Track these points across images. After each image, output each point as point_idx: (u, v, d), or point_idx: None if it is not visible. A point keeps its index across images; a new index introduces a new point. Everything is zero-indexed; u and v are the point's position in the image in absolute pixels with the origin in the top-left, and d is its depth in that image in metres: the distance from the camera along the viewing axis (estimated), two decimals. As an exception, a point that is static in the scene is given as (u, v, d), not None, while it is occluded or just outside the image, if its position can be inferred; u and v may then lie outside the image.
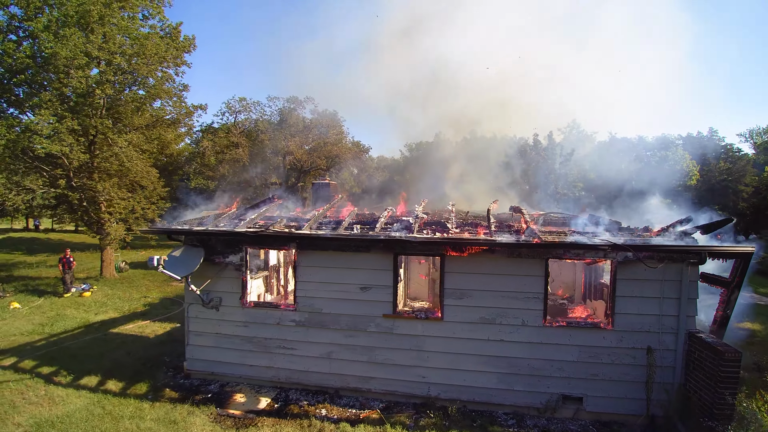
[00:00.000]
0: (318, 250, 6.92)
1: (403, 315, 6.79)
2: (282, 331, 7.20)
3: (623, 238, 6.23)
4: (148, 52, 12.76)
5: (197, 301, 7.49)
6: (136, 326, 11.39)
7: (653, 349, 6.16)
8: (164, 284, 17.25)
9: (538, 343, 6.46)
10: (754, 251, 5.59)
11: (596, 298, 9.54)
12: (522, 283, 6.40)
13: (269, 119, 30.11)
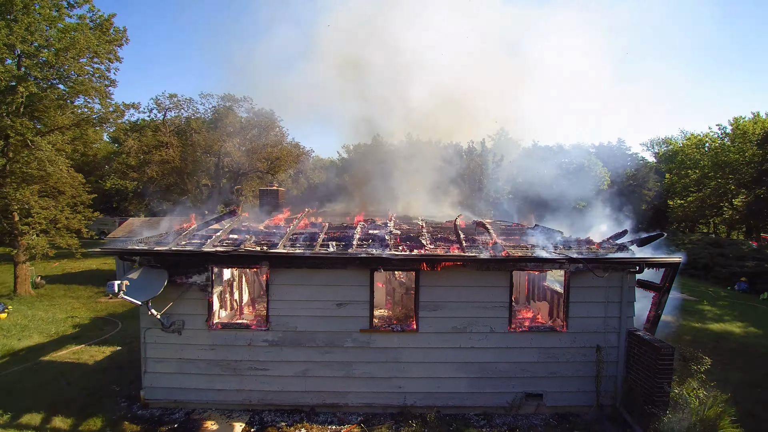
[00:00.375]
0: (293, 268, 6.80)
1: (380, 329, 6.96)
2: (254, 352, 6.95)
3: (575, 251, 7.01)
4: (80, 45, 11.32)
5: (156, 326, 6.93)
6: (70, 352, 10.13)
7: (601, 347, 7.01)
8: (90, 301, 15.52)
9: (505, 348, 7.02)
10: (681, 261, 6.63)
11: (539, 299, 10.51)
12: (490, 294, 6.91)
13: (202, 117, 28.27)
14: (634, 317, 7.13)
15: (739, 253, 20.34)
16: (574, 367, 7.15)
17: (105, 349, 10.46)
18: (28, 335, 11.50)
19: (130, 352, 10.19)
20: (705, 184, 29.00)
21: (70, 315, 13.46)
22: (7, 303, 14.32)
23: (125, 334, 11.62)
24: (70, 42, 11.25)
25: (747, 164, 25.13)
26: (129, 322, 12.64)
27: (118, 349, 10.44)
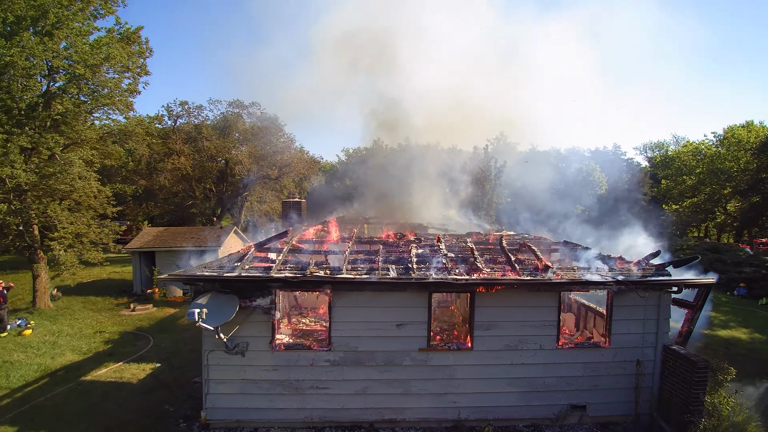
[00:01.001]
0: (355, 291, 7.14)
1: (438, 348, 7.33)
2: (316, 372, 7.26)
3: (618, 272, 7.49)
4: (114, 60, 11.40)
5: (219, 348, 7.18)
6: (109, 371, 10.23)
7: (641, 361, 7.51)
8: (112, 314, 15.54)
9: (552, 364, 7.46)
10: (714, 281, 7.17)
11: (565, 311, 11.01)
12: (540, 313, 7.35)
13: (213, 125, 28.30)
14: (668, 332, 7.65)
15: (736, 258, 21.25)
16: (615, 380, 7.63)
17: (144, 366, 10.58)
18: (60, 353, 11.52)
19: (171, 369, 10.37)
20: (700, 190, 30.12)
21: (98, 330, 13.48)
22: (29, 318, 14.30)
23: (160, 350, 11.76)
24: (104, 57, 11.32)
25: (742, 172, 26.23)
26: (160, 337, 12.76)
27: (158, 366, 10.57)
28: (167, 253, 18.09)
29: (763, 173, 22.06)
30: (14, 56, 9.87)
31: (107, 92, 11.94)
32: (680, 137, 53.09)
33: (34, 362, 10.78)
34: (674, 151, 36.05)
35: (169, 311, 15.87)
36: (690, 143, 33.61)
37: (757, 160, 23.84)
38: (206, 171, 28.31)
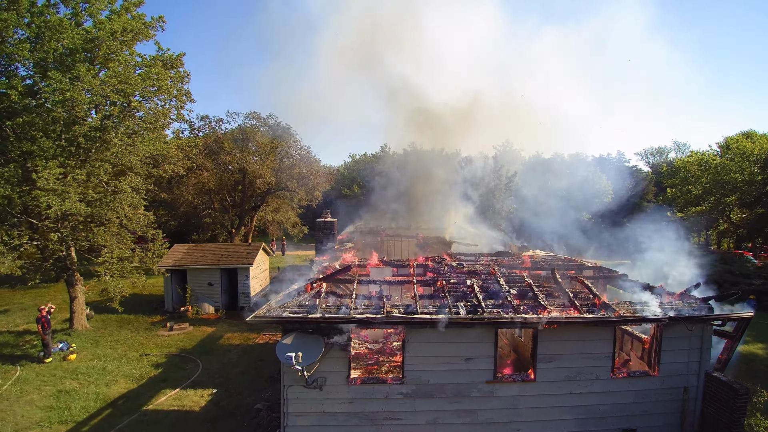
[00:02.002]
0: (427, 328, 7.67)
1: (503, 380, 7.88)
2: (389, 404, 7.78)
3: (666, 307, 8.09)
4: (165, 92, 11.83)
5: (298, 383, 7.68)
6: (169, 398, 10.63)
7: (687, 388, 8.11)
8: (150, 334, 15.85)
9: (607, 392, 8.04)
10: (752, 316, 7.81)
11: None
12: (596, 346, 7.92)
13: (233, 140, 28.71)
14: (711, 361, 8.27)
15: (745, 270, 22.02)
16: (662, 405, 8.23)
17: (201, 392, 10.99)
18: (113, 380, 11.83)
19: (229, 395, 10.81)
20: (705, 199, 30.96)
21: (142, 352, 13.83)
22: (68, 340, 14.60)
23: (211, 374, 12.18)
24: (157, 88, 11.73)
25: (747, 183, 27.06)
26: (206, 359, 13.18)
27: (214, 392, 11.00)
28: (199, 271, 18.50)
29: (766, 188, 22.88)
30: (73, 92, 10.27)
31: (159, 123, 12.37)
32: (681, 143, 54.40)
33: (90, 391, 11.08)
34: (679, 160, 36.94)
35: (206, 330, 16.28)
36: (695, 153, 34.52)
37: (762, 174, 24.65)
38: (224, 183, 28.74)
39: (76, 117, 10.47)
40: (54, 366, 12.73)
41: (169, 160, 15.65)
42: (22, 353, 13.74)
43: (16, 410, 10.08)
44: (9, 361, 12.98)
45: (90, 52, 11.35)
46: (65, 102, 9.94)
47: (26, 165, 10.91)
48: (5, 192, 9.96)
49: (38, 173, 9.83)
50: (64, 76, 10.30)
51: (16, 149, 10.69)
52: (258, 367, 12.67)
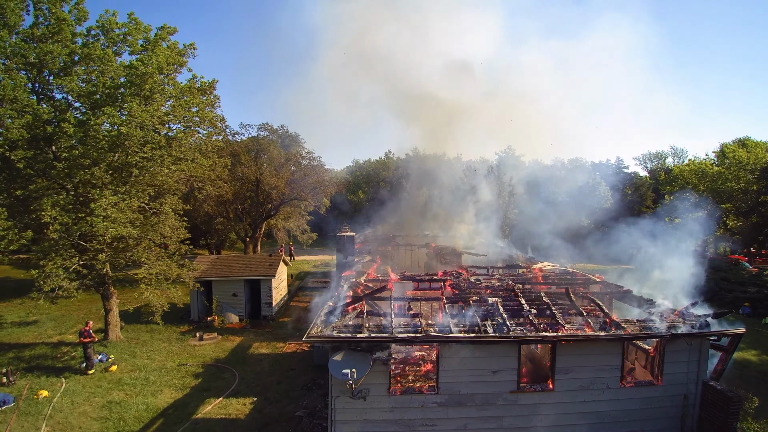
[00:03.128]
0: (458, 344, 8.69)
1: (525, 390, 8.91)
2: (425, 412, 8.80)
3: (668, 323, 9.15)
4: (209, 123, 12.79)
5: (345, 394, 8.67)
6: (214, 407, 11.57)
7: (687, 395, 9.17)
8: (182, 344, 16.64)
9: (616, 399, 9.09)
10: (744, 332, 8.87)
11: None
12: (607, 359, 8.97)
13: (246, 147, 29.71)
14: (708, 371, 9.33)
15: (740, 278, 23.15)
16: (665, 411, 9.28)
17: (243, 401, 11.95)
18: (157, 389, 12.71)
19: (270, 403, 11.79)
20: (702, 206, 32.20)
21: (179, 362, 14.77)
22: (106, 351, 15.51)
23: (248, 383, 13.12)
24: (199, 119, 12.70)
25: (743, 192, 28.26)
26: (241, 369, 14.14)
27: (255, 400, 11.96)
28: (224, 282, 19.47)
29: (762, 197, 24.02)
30: (128, 128, 11.24)
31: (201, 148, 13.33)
32: (679, 149, 55.65)
33: (139, 401, 11.94)
34: (677, 168, 38.16)
35: (235, 339, 17.25)
36: (692, 161, 35.77)
37: (757, 184, 25.82)
38: (239, 193, 29.75)
39: (129, 150, 11.44)
40: (98, 377, 13.59)
41: (204, 182, 16.61)
42: (63, 365, 14.56)
43: (72, 422, 10.91)
44: (53, 373, 13.77)
45: (138, 86, 12.31)
46: (120, 137, 10.91)
47: (79, 192, 11.86)
48: (64, 220, 10.91)
49: (95, 201, 10.79)
50: (118, 111, 11.27)
51: (70, 179, 11.64)
52: (290, 376, 13.64)
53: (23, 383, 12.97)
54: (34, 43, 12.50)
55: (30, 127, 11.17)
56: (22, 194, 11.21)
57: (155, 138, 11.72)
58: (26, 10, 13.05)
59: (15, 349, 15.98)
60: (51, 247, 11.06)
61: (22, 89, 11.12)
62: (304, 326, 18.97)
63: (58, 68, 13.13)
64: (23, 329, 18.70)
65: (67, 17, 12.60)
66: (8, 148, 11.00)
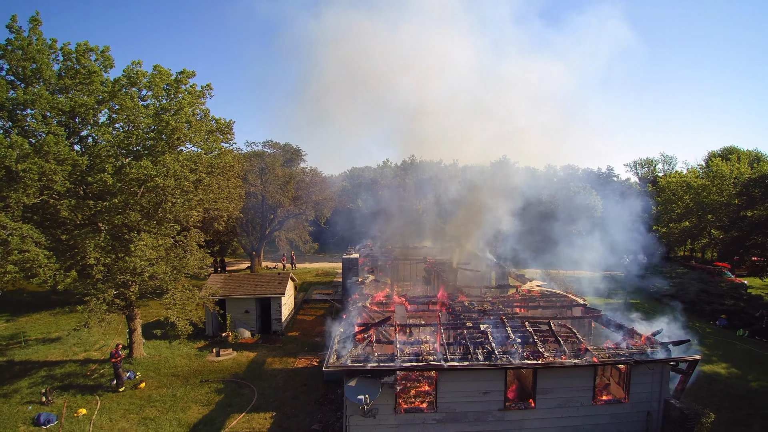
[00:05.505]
0: (454, 371, 10.18)
1: (511, 408, 10.41)
2: (426, 428, 10.30)
3: (634, 351, 10.66)
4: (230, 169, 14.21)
5: (357, 413, 10.15)
6: (239, 422, 12.93)
7: (650, 412, 10.70)
8: (202, 361, 17.83)
9: (589, 415, 10.61)
10: (700, 358, 10.39)
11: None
12: (581, 381, 10.48)
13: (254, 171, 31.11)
14: (670, 390, 10.86)
15: (719, 291, 24.76)
16: (631, 425, 10.81)
17: (264, 415, 13.37)
18: (186, 406, 14.04)
19: (288, 418, 13.21)
20: (687, 217, 33.87)
21: (202, 379, 16.15)
22: (132, 369, 16.87)
23: (267, 398, 14.51)
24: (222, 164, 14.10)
25: (725, 206, 29.90)
26: (259, 385, 15.54)
27: (274, 415, 13.41)
28: (237, 300, 20.90)
29: (742, 212, 25.64)
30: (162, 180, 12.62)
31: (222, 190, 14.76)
32: (669, 156, 57.35)
33: (171, 417, 13.31)
34: (663, 180, 39.80)
35: (249, 355, 18.66)
36: (678, 173, 37.43)
37: (738, 198, 27.41)
38: (246, 210, 31.17)
39: (164, 197, 12.84)
40: (129, 395, 14.94)
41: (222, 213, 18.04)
42: (94, 383, 15.89)
43: (117, 440, 12.34)
44: (87, 392, 15.07)
45: (168, 138, 13.68)
46: (156, 188, 12.31)
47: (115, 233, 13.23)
48: (105, 261, 12.31)
49: (134, 243, 12.19)
50: (153, 165, 12.66)
51: (108, 222, 13.00)
52: (304, 391, 15.08)
53: (61, 402, 14.33)
54: (61, 94, 13.85)
55: (70, 175, 12.52)
56: (67, 238, 12.56)
57: (185, 183, 13.12)
58: (56, 60, 14.41)
59: (45, 368, 17.30)
60: (93, 285, 12.45)
61: (63, 143, 12.46)
62: (311, 341, 20.43)
63: (90, 117, 14.50)
64: (48, 346, 20.01)
65: (97, 69, 13.95)
66: (51, 197, 12.34)
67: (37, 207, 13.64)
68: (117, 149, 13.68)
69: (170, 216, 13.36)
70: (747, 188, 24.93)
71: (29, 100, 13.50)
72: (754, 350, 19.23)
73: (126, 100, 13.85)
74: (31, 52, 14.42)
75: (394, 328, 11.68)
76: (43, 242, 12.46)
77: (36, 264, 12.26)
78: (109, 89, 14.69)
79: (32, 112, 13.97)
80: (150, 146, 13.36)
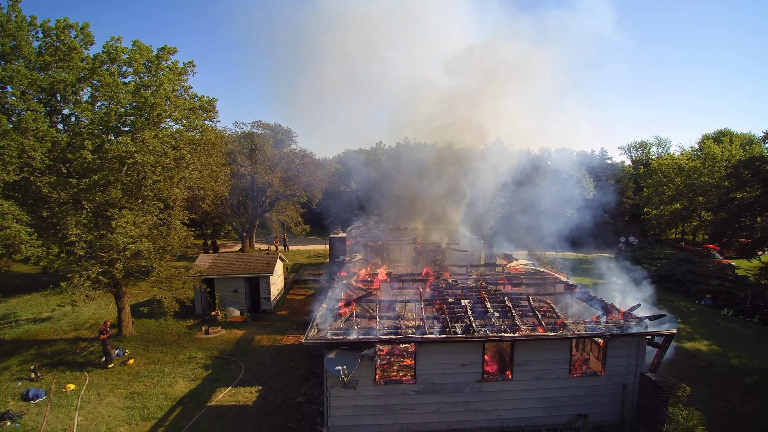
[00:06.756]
0: (432, 344, 10.31)
1: (489, 380, 10.61)
2: (405, 398, 10.49)
3: (611, 324, 10.81)
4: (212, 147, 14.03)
5: (338, 384, 10.31)
6: (225, 396, 13.21)
7: (626, 384, 10.92)
8: (191, 339, 18.10)
9: (566, 387, 10.82)
10: (675, 332, 10.55)
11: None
12: (558, 354, 10.65)
13: (239, 146, 30.79)
14: (645, 364, 11.07)
15: (705, 271, 25.06)
16: (608, 397, 11.05)
17: (250, 389, 13.61)
18: (173, 381, 14.25)
19: (274, 391, 13.46)
20: (678, 199, 33.96)
21: (189, 356, 16.36)
22: (121, 346, 17.02)
23: (254, 373, 14.76)
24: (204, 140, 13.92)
25: (716, 187, 29.98)
26: (246, 361, 15.77)
27: (260, 389, 13.63)
28: (226, 280, 20.98)
29: (731, 194, 25.74)
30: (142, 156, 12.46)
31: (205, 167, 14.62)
32: (663, 139, 57.19)
33: (158, 391, 13.52)
34: (655, 162, 39.78)
35: (237, 333, 18.86)
36: (670, 156, 37.37)
37: (728, 180, 27.45)
38: (235, 191, 31.01)
39: (145, 174, 12.71)
40: (117, 371, 15.13)
41: (207, 192, 17.92)
42: (84, 360, 16.07)
43: (101, 411, 12.49)
44: (76, 368, 15.26)
45: (148, 114, 13.45)
46: (135, 165, 12.15)
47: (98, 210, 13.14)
48: (87, 237, 12.26)
49: (115, 220, 12.13)
50: (132, 141, 12.47)
51: (89, 200, 12.89)
52: (291, 366, 15.32)
53: (50, 378, 14.51)
54: (41, 71, 13.55)
55: (50, 152, 12.36)
56: (48, 215, 12.47)
57: (165, 161, 12.97)
58: (36, 37, 14.06)
59: (36, 346, 17.43)
60: (77, 261, 12.43)
61: (42, 120, 12.24)
62: (300, 319, 20.65)
63: (70, 94, 14.21)
64: (39, 325, 20.12)
65: (77, 46, 13.62)
66: (32, 174, 12.20)
67: (18, 185, 13.52)
68: (97, 127, 13.46)
69: (151, 193, 13.25)
70: (737, 170, 24.97)
71: (8, 77, 13.21)
72: (737, 329, 19.59)
73: (105, 77, 13.56)
74: (11, 29, 14.07)
75: (376, 303, 11.77)
76: (24, 219, 12.39)
77: (18, 240, 12.20)
78: (90, 66, 14.37)
79: (11, 90, 13.71)
80: (131, 123, 13.15)
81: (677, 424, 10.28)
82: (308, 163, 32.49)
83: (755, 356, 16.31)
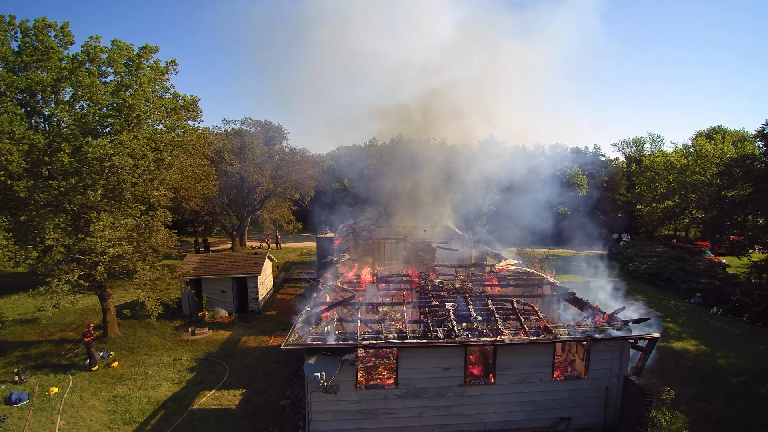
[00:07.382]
0: (414, 348, 10.20)
1: (471, 384, 10.52)
2: (387, 403, 10.39)
3: (594, 328, 10.73)
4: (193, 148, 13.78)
5: (319, 389, 10.19)
6: (209, 399, 13.07)
7: (609, 388, 10.87)
8: (177, 340, 17.92)
9: (549, 390, 10.76)
10: (659, 336, 10.49)
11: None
12: (540, 358, 10.57)
13: (229, 144, 30.44)
14: (628, 367, 11.01)
15: (695, 269, 25.10)
16: (591, 400, 11.00)
17: (234, 392, 13.48)
18: (157, 384, 14.09)
19: (258, 394, 13.33)
20: (670, 197, 33.96)
21: (175, 357, 16.21)
22: (105, 347, 16.82)
23: (238, 376, 14.62)
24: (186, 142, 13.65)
25: (707, 185, 29.96)
26: (231, 363, 15.63)
27: (244, 392, 13.50)
28: (213, 280, 20.78)
29: (722, 192, 25.74)
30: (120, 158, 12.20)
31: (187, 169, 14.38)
32: (656, 135, 57.17)
33: (141, 395, 13.37)
34: (648, 159, 39.76)
35: (224, 334, 18.70)
36: (663, 153, 37.34)
37: (720, 177, 27.42)
38: (224, 189, 30.69)
39: (124, 177, 12.44)
40: (101, 373, 14.94)
41: (192, 193, 17.67)
42: (68, 362, 15.84)
43: (83, 415, 12.33)
44: (60, 371, 15.04)
45: (126, 116, 13.16)
46: (113, 167, 11.89)
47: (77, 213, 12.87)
48: (66, 241, 12.02)
49: (94, 224, 11.89)
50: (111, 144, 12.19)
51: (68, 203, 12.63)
52: (276, 368, 15.19)
53: (33, 381, 14.30)
54: (22, 72, 13.24)
55: (27, 155, 12.08)
56: (26, 219, 12.21)
57: (145, 163, 12.72)
58: (14, 37, 13.71)
59: (21, 348, 17.20)
60: (55, 265, 12.21)
61: (18, 122, 11.95)
62: (288, 319, 20.48)
63: (49, 95, 13.90)
64: (25, 327, 19.84)
65: (55, 45, 13.29)
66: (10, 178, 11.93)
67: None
68: (76, 128, 13.18)
69: (130, 196, 13.02)
70: (728, 168, 24.95)
71: (-16, 79, 12.87)
72: (725, 328, 19.60)
73: (84, 77, 13.26)
74: (-11, 30, 13.71)
75: (359, 306, 11.63)
76: (0, 223, 12.13)
77: (-7, 245, 11.95)
78: (69, 66, 14.05)
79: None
80: (110, 124, 12.87)
81: (660, 427, 10.26)
82: (298, 160, 32.19)
83: (742, 356, 16.32)
